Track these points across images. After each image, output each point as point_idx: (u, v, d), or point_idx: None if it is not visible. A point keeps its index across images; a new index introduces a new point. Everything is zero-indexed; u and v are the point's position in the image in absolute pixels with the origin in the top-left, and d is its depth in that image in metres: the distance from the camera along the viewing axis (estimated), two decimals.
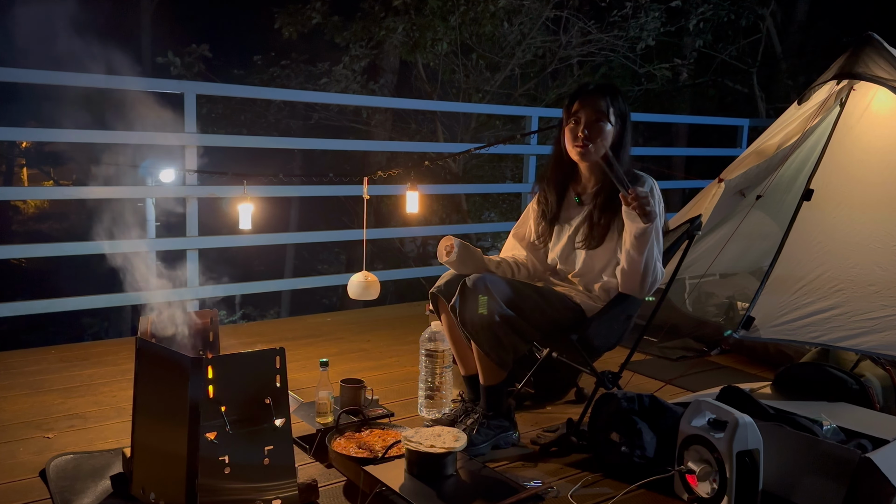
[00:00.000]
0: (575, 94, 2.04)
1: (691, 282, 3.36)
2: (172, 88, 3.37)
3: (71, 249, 3.25)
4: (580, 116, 2.00)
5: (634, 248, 1.91)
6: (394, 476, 1.69)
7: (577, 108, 2.01)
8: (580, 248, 2.06)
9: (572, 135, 2.02)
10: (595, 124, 1.98)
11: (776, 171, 2.99)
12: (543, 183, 2.16)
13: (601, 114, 1.98)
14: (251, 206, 3.06)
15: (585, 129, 1.98)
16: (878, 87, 2.57)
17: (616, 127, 2.01)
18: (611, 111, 1.99)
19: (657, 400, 1.96)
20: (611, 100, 1.99)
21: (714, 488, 1.67)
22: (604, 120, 1.98)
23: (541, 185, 2.18)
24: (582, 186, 2.12)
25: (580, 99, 2.01)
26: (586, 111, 1.99)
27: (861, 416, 2.02)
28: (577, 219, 2.09)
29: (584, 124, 1.99)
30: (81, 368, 2.70)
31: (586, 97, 2.00)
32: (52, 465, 1.83)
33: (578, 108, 2.00)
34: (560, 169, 2.11)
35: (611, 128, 2.00)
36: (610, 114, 1.99)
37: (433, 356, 2.16)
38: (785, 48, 8.05)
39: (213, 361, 1.51)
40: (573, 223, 2.10)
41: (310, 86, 7.36)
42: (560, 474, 1.90)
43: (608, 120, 1.99)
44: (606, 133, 1.99)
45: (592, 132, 1.98)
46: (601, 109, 1.98)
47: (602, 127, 1.98)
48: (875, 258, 2.39)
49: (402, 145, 6.80)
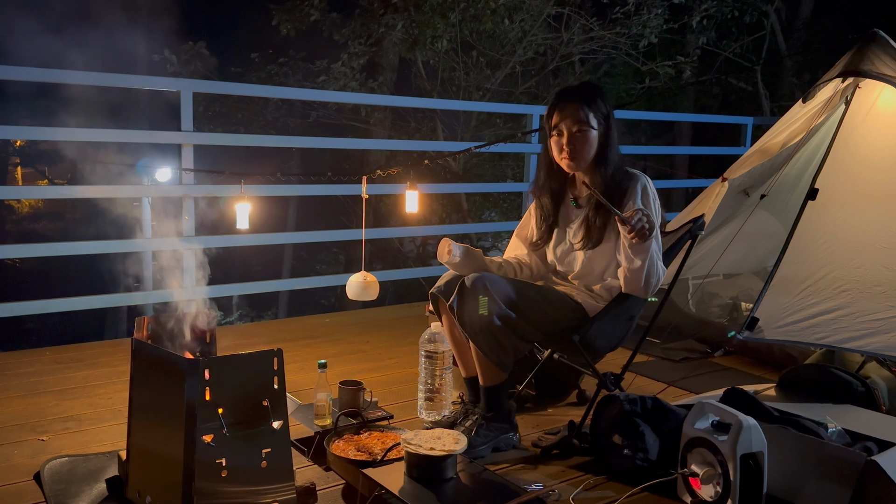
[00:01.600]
0: (553, 103, 2.01)
1: (694, 282, 3.34)
2: (169, 86, 3.34)
3: (66, 249, 3.23)
4: (562, 128, 1.98)
5: (634, 254, 1.90)
6: (393, 479, 1.68)
7: (557, 121, 1.99)
8: (578, 250, 2.05)
9: (557, 147, 2.01)
10: (577, 135, 1.97)
11: (780, 170, 2.97)
12: (538, 189, 2.14)
13: (581, 122, 1.96)
14: (249, 206, 3.05)
15: (570, 143, 1.97)
16: (883, 84, 2.56)
17: (600, 129, 1.99)
18: (591, 117, 1.97)
19: (660, 402, 1.94)
20: (588, 105, 1.97)
21: (718, 491, 1.66)
22: (586, 128, 1.96)
23: (535, 191, 2.16)
24: (578, 189, 2.10)
25: (558, 110, 1.99)
26: (566, 122, 1.97)
27: (867, 418, 2.01)
28: (575, 222, 2.08)
29: (567, 136, 1.97)
30: (76, 370, 2.68)
31: (564, 107, 1.98)
32: (47, 468, 1.81)
33: (558, 120, 1.99)
34: (552, 175, 2.10)
35: (595, 132, 1.98)
36: (590, 120, 1.97)
37: (433, 357, 2.14)
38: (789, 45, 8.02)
39: (210, 363, 1.50)
40: (572, 226, 2.09)
41: (308, 83, 7.35)
42: (561, 477, 1.89)
43: (590, 126, 1.97)
44: (591, 140, 1.98)
45: (577, 143, 1.97)
46: (581, 119, 1.96)
47: (585, 134, 1.97)
48: (881, 258, 2.38)
49: (401, 144, 6.78)
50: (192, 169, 3.28)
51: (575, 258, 2.07)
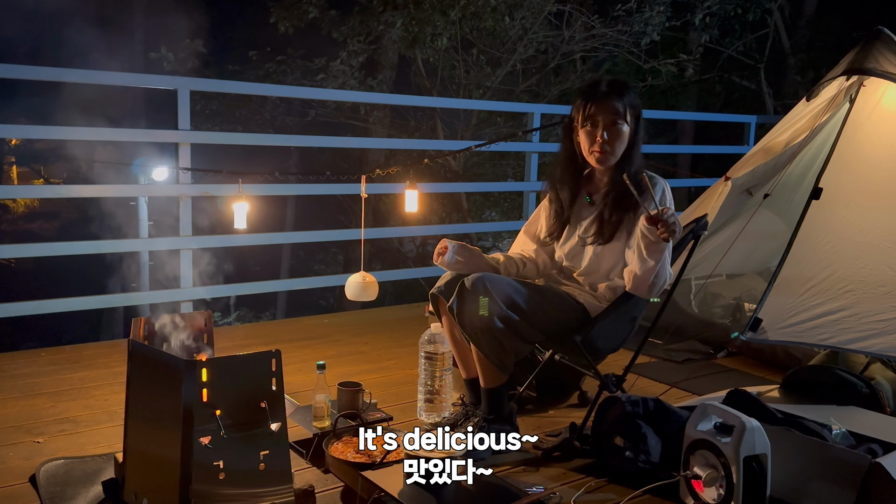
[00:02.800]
0: (588, 94, 1.97)
1: (697, 282, 3.33)
2: (166, 84, 3.32)
3: (62, 249, 3.21)
4: (597, 120, 1.94)
5: (649, 254, 1.86)
6: (392, 481, 1.67)
7: (592, 111, 1.95)
8: (589, 245, 2.02)
9: (590, 139, 1.96)
10: (612, 128, 1.93)
11: (784, 170, 2.96)
12: (555, 182, 2.11)
13: (618, 115, 1.93)
14: (246, 205, 3.03)
15: (604, 134, 1.93)
16: (888, 82, 2.55)
17: (631, 126, 1.96)
18: (627, 112, 1.94)
19: (662, 403, 1.93)
20: (626, 99, 1.94)
21: (720, 494, 1.65)
22: (621, 122, 1.94)
23: (551, 185, 2.13)
24: (594, 186, 2.08)
25: (595, 101, 1.95)
26: (603, 115, 1.93)
27: (871, 420, 2.00)
28: (587, 219, 2.06)
29: (602, 128, 1.93)
30: (72, 371, 2.67)
31: (601, 99, 1.94)
32: (43, 470, 1.80)
33: (595, 112, 1.94)
34: (572, 169, 2.07)
35: (627, 128, 1.95)
36: (627, 115, 1.94)
37: (433, 359, 2.13)
38: (793, 43, 7.99)
39: (208, 364, 1.49)
40: (583, 223, 2.06)
41: (306, 82, 7.33)
42: (563, 479, 1.87)
43: (625, 121, 1.94)
44: (624, 135, 1.95)
45: (611, 136, 1.93)
46: (618, 111, 1.93)
47: (620, 130, 1.94)
48: (886, 258, 2.37)
49: (400, 142, 6.77)
50: (189, 168, 3.26)
51: (583, 253, 2.05)
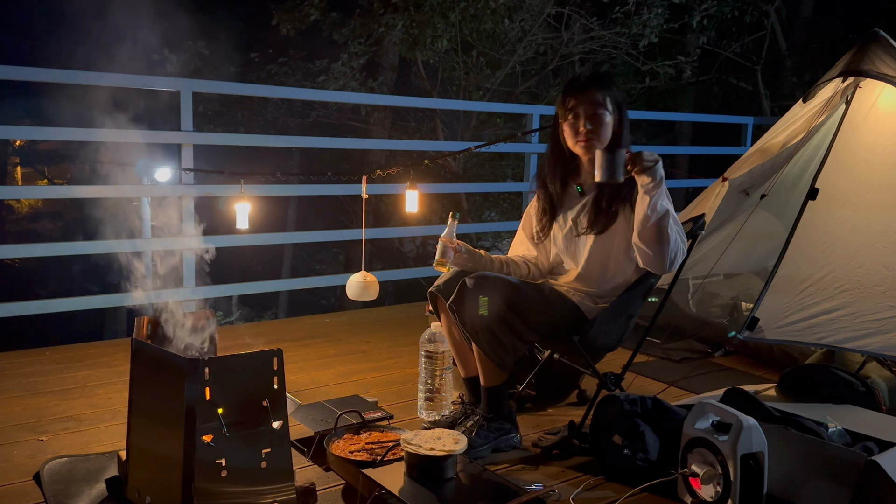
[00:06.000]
0: (568, 88, 2.01)
1: (695, 282, 3.34)
2: (168, 86, 3.33)
3: (65, 249, 3.22)
4: (578, 111, 1.98)
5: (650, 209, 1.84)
6: (393, 479, 1.67)
7: (573, 104, 1.98)
8: (584, 234, 2.03)
9: (573, 130, 1.99)
10: (594, 117, 1.96)
11: (781, 170, 2.97)
12: (544, 178, 2.13)
13: (599, 105, 1.96)
14: (248, 206, 3.04)
15: (587, 123, 1.96)
16: (884, 84, 2.55)
17: (614, 115, 1.99)
18: (607, 101, 1.97)
19: (660, 402, 1.94)
20: (606, 90, 1.97)
21: (718, 492, 1.66)
22: (602, 111, 1.96)
23: (540, 180, 2.15)
24: (583, 178, 2.09)
25: (575, 94, 1.99)
26: (584, 105, 1.97)
27: (867, 418, 2.00)
28: (577, 207, 2.07)
29: (584, 118, 1.97)
30: (76, 370, 2.68)
31: (581, 91, 1.98)
32: (47, 468, 1.81)
33: (575, 104, 1.98)
34: (559, 163, 2.09)
35: (610, 117, 1.98)
36: (607, 103, 1.97)
37: (433, 358, 2.14)
38: (790, 45, 8.00)
39: (210, 363, 1.49)
40: (575, 210, 2.07)
41: (308, 83, 7.34)
42: (562, 477, 1.88)
43: (607, 110, 1.97)
44: (607, 124, 1.98)
45: (594, 125, 1.96)
46: (598, 101, 1.96)
47: (602, 117, 1.97)
48: (881, 258, 2.38)
49: (401, 143, 6.77)
50: (191, 169, 3.28)
51: (581, 245, 2.04)
